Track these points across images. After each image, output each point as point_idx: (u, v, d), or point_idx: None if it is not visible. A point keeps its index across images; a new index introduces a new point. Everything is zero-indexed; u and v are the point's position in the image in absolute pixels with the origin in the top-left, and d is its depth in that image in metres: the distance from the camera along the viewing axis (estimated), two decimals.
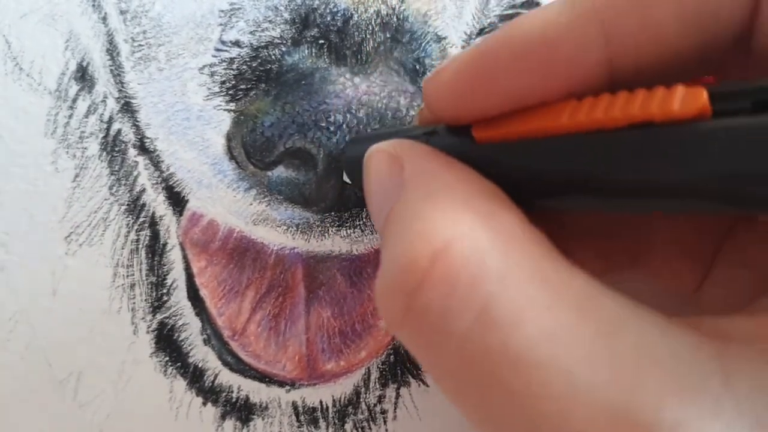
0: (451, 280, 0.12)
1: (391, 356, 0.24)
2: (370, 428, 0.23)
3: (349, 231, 0.23)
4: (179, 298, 0.24)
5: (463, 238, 0.12)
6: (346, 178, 0.22)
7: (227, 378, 0.23)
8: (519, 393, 0.11)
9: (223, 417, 0.23)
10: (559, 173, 0.14)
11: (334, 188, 0.22)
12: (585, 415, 0.11)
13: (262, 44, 0.23)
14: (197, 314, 0.23)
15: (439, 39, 0.24)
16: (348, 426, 0.23)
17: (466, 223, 0.13)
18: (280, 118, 0.22)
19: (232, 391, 0.23)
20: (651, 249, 0.18)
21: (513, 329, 0.11)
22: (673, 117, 0.12)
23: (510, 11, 0.25)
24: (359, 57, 0.22)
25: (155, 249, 0.24)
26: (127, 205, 0.24)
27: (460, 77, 0.15)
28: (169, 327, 0.23)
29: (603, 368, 0.11)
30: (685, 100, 0.12)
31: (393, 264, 0.13)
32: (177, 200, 0.24)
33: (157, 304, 0.23)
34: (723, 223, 0.17)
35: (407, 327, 0.13)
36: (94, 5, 0.24)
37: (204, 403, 0.23)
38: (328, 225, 0.23)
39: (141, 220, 0.24)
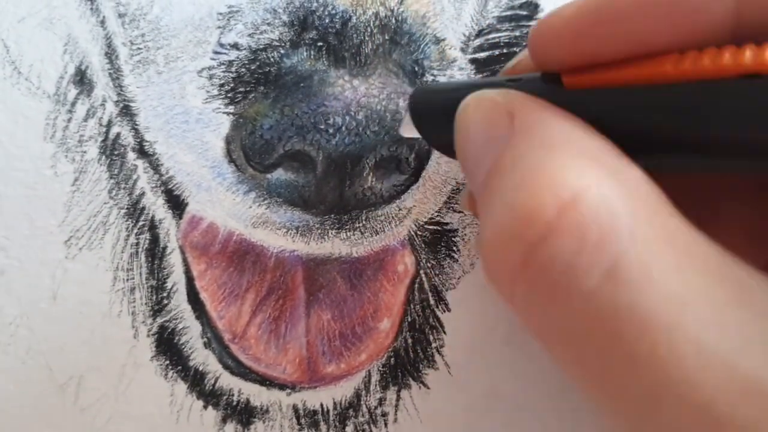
0: (581, 234, 0.11)
1: (392, 359, 0.24)
2: (370, 431, 0.23)
3: (348, 233, 0.23)
4: (179, 302, 0.23)
5: (592, 190, 0.12)
6: (407, 132, 0.20)
7: (228, 381, 0.23)
8: (644, 357, 0.11)
9: (223, 420, 0.23)
10: (657, 125, 0.13)
11: (333, 191, 0.22)
12: (715, 384, 0.10)
13: (261, 47, 0.23)
14: (197, 317, 0.23)
15: (438, 41, 0.24)
16: (349, 429, 0.23)
17: (594, 175, 0.12)
18: (279, 121, 0.22)
19: (233, 395, 0.23)
20: (716, 230, 0.18)
21: (642, 289, 0.11)
22: None
23: (508, 12, 0.25)
24: (358, 59, 0.22)
25: (155, 252, 0.24)
26: (127, 208, 0.24)
27: (582, 19, 0.14)
28: (169, 330, 0.23)
29: (734, 336, 0.11)
30: None
31: (512, 212, 0.12)
32: (176, 203, 0.24)
33: (158, 308, 0.23)
34: None
35: (524, 282, 0.12)
36: (92, 9, 0.24)
37: (205, 407, 0.23)
38: (327, 227, 0.23)
39: (140, 223, 0.24)
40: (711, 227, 0.17)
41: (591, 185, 0.12)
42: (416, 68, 0.23)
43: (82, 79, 0.24)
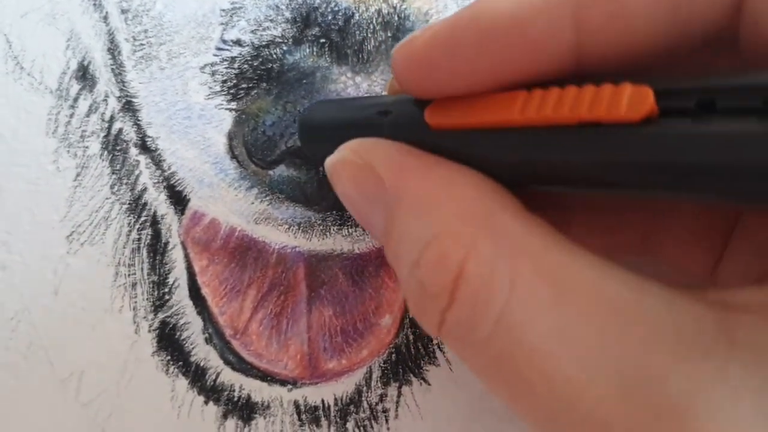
0: (471, 299, 0.14)
1: (393, 355, 0.24)
2: (371, 427, 0.23)
3: (350, 230, 0.23)
4: (181, 297, 0.24)
5: (471, 254, 0.14)
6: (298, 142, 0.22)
7: (229, 377, 0.23)
8: (537, 382, 0.13)
9: (224, 416, 0.23)
10: (513, 165, 0.15)
11: None
12: (597, 393, 0.12)
13: (264, 43, 0.23)
14: (199, 313, 0.23)
15: None
16: (350, 425, 0.23)
17: (469, 240, 0.14)
18: (281, 117, 0.22)
19: (234, 390, 0.23)
20: (661, 233, 0.18)
21: (525, 329, 0.13)
22: (621, 120, 0.12)
23: None
24: (360, 56, 0.22)
25: (157, 248, 0.24)
26: (129, 204, 0.24)
27: (428, 50, 0.15)
28: (170, 326, 0.23)
29: (611, 349, 0.12)
30: (632, 101, 0.12)
31: (420, 290, 0.15)
32: (178, 199, 0.24)
33: (159, 303, 0.23)
34: (731, 209, 0.17)
35: (443, 336, 0.15)
36: (95, 4, 0.24)
37: (206, 402, 0.23)
38: (329, 224, 0.23)
39: (142, 219, 0.24)
40: (657, 231, 0.18)
41: (470, 254, 0.14)
42: None
43: (84, 75, 0.24)
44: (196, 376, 0.23)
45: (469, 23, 0.14)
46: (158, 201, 0.24)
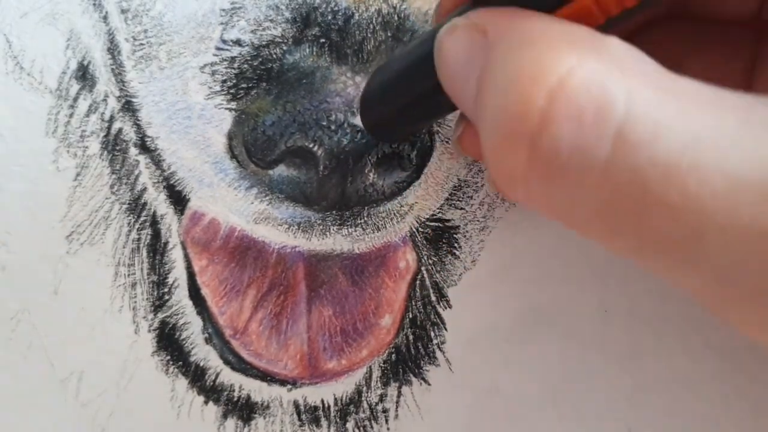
0: (577, 112, 0.12)
1: (393, 355, 0.24)
2: (371, 427, 0.23)
3: (350, 230, 0.23)
4: (180, 297, 0.24)
5: (576, 68, 0.12)
6: (359, 121, 0.21)
7: (228, 377, 0.23)
8: (679, 201, 0.11)
9: (224, 416, 0.23)
10: None
11: (335, 187, 0.22)
12: (755, 202, 0.11)
13: (264, 43, 0.23)
14: (198, 313, 0.23)
15: None
16: (350, 425, 0.23)
17: (575, 56, 0.12)
18: (281, 117, 0.22)
19: (234, 390, 0.23)
20: (690, 58, 0.17)
21: (655, 141, 0.11)
22: None
23: None
24: (360, 56, 0.22)
25: (156, 248, 0.24)
26: (129, 204, 0.24)
27: None
28: (170, 326, 0.23)
29: (754, 152, 0.11)
30: None
31: (505, 113, 0.12)
32: (178, 199, 0.24)
33: (159, 303, 0.23)
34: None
35: (535, 175, 0.12)
36: (95, 4, 0.24)
37: (205, 402, 0.23)
38: (329, 224, 0.23)
39: (142, 219, 0.24)
40: (687, 56, 0.17)
41: (574, 65, 0.12)
42: None
43: (84, 75, 0.24)
44: (196, 376, 0.23)
45: None
46: (158, 201, 0.24)
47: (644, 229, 0.12)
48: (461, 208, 0.24)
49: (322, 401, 0.23)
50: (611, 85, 0.12)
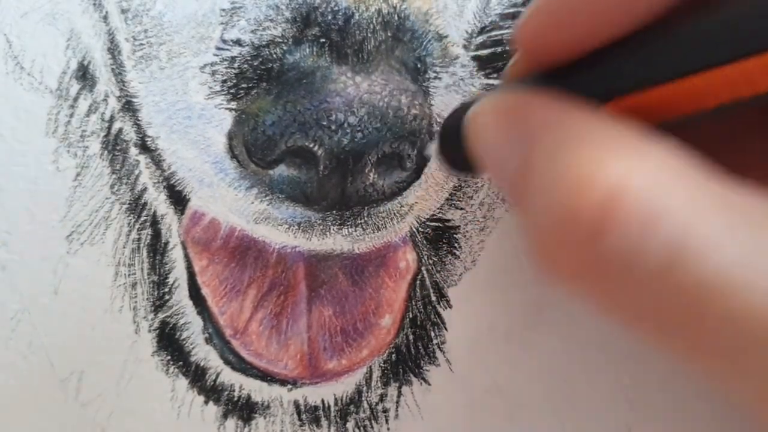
0: (637, 219, 0.12)
1: (393, 355, 0.24)
2: (372, 427, 0.23)
3: (350, 230, 0.23)
4: (181, 297, 0.24)
5: (632, 175, 0.12)
6: (432, 152, 0.22)
7: (229, 377, 0.23)
8: (725, 316, 0.11)
9: (224, 416, 0.23)
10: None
11: (335, 187, 0.22)
12: None
13: (264, 43, 0.23)
14: (199, 313, 0.23)
15: (441, 38, 0.24)
16: (350, 425, 0.23)
17: (627, 159, 0.12)
18: (281, 117, 0.22)
19: (234, 390, 0.23)
20: (749, 164, 0.17)
21: (708, 257, 0.11)
22: None
23: (511, 9, 0.25)
24: (360, 56, 0.22)
25: (157, 248, 0.24)
26: (129, 204, 0.24)
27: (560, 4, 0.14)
28: (170, 326, 0.23)
29: None
30: None
31: (559, 214, 0.13)
32: (178, 199, 0.24)
33: (159, 303, 0.23)
34: None
35: (588, 276, 0.13)
36: (95, 4, 0.24)
37: (206, 402, 0.23)
38: (329, 224, 0.23)
39: (142, 219, 0.24)
40: (741, 170, 0.17)
41: (630, 168, 0.12)
42: (419, 65, 0.23)
43: (84, 75, 0.24)
44: (196, 376, 0.23)
45: None
46: (158, 201, 0.24)
47: (692, 334, 0.12)
48: (461, 208, 0.24)
49: (323, 401, 0.23)
50: (667, 195, 0.12)
